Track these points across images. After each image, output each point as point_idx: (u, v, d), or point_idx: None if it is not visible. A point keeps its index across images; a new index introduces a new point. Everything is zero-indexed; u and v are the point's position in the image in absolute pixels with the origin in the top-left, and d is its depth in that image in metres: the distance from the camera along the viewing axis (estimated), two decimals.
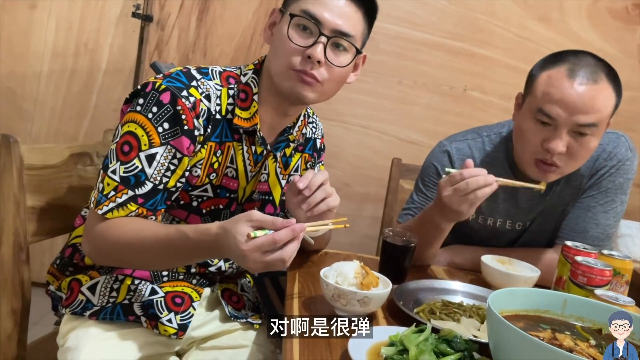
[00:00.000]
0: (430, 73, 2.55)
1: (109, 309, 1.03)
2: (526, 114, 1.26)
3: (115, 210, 0.96)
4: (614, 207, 1.38)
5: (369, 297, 0.95)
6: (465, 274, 1.37)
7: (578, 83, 1.18)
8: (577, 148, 1.22)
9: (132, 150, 0.97)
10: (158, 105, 0.97)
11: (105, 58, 2.42)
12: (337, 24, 1.02)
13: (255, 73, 1.09)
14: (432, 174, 1.45)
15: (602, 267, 1.01)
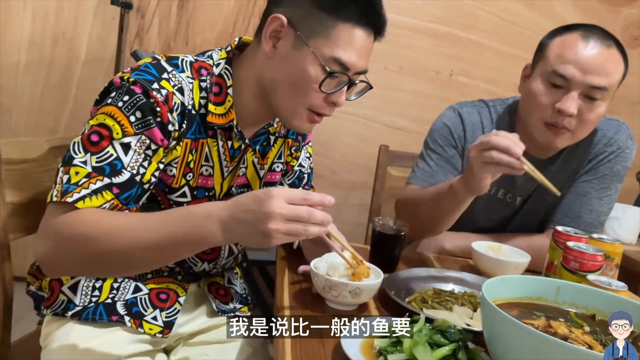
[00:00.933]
0: (415, 58, 2.53)
1: (91, 309, 1.00)
2: (537, 78, 1.29)
3: (87, 198, 0.84)
4: (609, 195, 1.38)
5: (361, 288, 0.94)
6: (456, 260, 1.36)
7: (592, 46, 1.23)
8: (587, 112, 1.26)
9: (102, 140, 0.88)
10: (129, 94, 0.90)
11: (84, 47, 2.36)
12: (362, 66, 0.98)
13: (228, 63, 1.01)
14: (446, 134, 1.45)
15: (594, 252, 1.01)
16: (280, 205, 0.75)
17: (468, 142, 1.42)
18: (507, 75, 2.54)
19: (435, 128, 1.48)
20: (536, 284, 0.85)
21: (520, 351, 0.68)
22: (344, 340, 0.77)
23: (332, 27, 0.94)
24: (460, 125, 1.43)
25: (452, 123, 1.44)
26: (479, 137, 1.22)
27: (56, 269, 0.90)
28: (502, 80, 2.55)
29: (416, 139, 2.66)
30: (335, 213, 2.18)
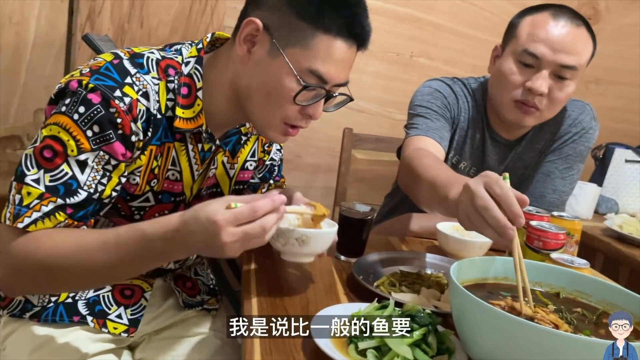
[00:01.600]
0: (376, 40, 2.45)
1: (51, 310, 0.95)
2: (507, 58, 1.31)
3: (39, 221, 0.80)
4: (572, 175, 1.42)
5: (308, 236, 0.91)
6: (421, 242, 1.37)
7: (562, 25, 1.25)
8: (557, 91, 1.28)
9: (56, 156, 0.82)
10: (86, 105, 0.82)
11: (33, 31, 2.24)
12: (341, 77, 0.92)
13: (199, 62, 0.93)
14: (440, 97, 1.40)
15: (557, 231, 1.03)
16: (230, 234, 0.72)
17: (460, 112, 1.42)
18: (466, 57, 2.56)
19: (425, 93, 1.42)
20: (502, 264, 0.86)
21: (488, 332, 0.69)
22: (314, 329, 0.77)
23: (310, 38, 0.88)
24: (453, 95, 1.43)
25: (444, 90, 1.43)
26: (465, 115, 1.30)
27: (14, 292, 0.90)
28: (462, 61, 2.57)
29: (379, 121, 2.67)
30: None
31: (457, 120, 1.42)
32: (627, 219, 1.83)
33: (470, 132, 1.43)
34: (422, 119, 1.37)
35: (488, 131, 1.43)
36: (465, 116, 1.43)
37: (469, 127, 1.43)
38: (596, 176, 2.19)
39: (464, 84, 1.47)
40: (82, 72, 0.86)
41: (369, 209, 1.18)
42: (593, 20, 2.62)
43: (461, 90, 1.45)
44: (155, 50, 0.94)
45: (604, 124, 2.68)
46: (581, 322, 0.77)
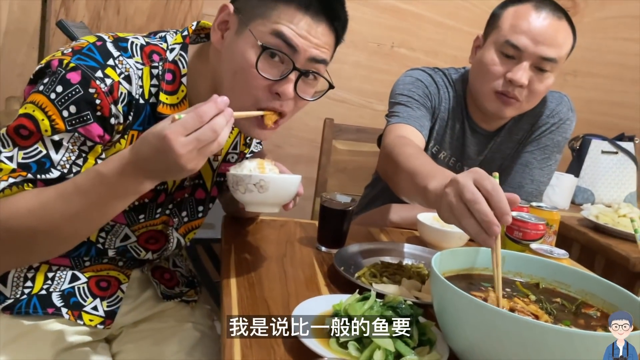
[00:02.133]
0: (357, 30, 2.50)
1: (24, 302, 0.93)
2: (489, 48, 1.32)
3: (7, 189, 0.79)
4: (549, 165, 1.44)
5: (266, 181, 0.88)
6: (402, 232, 1.37)
7: (544, 17, 1.26)
8: (537, 83, 1.29)
9: (31, 135, 0.81)
10: (63, 85, 0.81)
11: (5, 17, 2.18)
12: (313, 53, 0.88)
13: (184, 49, 0.93)
14: (421, 87, 1.40)
15: (536, 222, 1.04)
16: (182, 144, 0.70)
17: (441, 102, 1.42)
18: (447, 48, 2.57)
19: (406, 82, 1.42)
20: (483, 254, 0.86)
21: (469, 324, 0.68)
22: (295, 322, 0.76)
23: (272, 8, 0.87)
24: (434, 84, 1.43)
25: (425, 80, 1.43)
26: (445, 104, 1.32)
27: None
28: (442, 52, 2.58)
29: (359, 111, 2.66)
30: None
31: (437, 110, 1.42)
32: (603, 209, 1.86)
33: (450, 122, 1.43)
34: (403, 107, 1.37)
35: (468, 121, 1.43)
36: (446, 106, 1.43)
37: (449, 118, 1.44)
38: (573, 167, 2.21)
39: (445, 74, 1.47)
40: (64, 52, 0.86)
41: (350, 199, 1.18)
42: (572, 12, 2.63)
43: (442, 80, 1.45)
44: (139, 36, 0.93)
45: (580, 115, 2.71)
46: (561, 312, 0.78)
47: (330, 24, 0.91)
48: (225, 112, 0.74)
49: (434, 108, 1.42)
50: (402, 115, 1.35)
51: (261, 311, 0.86)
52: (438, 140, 1.46)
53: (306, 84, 0.93)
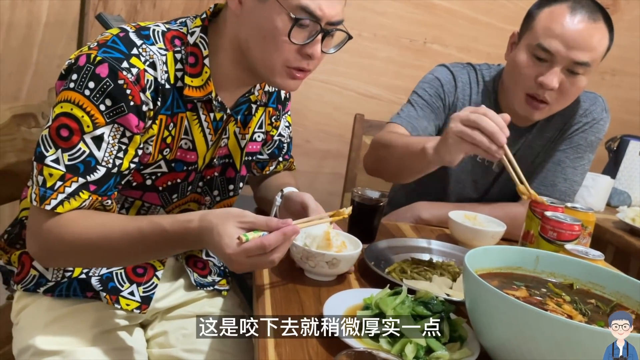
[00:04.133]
0: (390, 25, 2.49)
1: (64, 285, 0.96)
2: (522, 49, 1.30)
3: (65, 202, 0.84)
4: (582, 164, 1.42)
5: (338, 259, 0.93)
6: (432, 230, 1.37)
7: (579, 20, 1.23)
8: (569, 86, 1.27)
9: (73, 134, 0.84)
10: (95, 80, 0.84)
11: (46, 9, 2.24)
12: (333, 13, 0.91)
13: (204, 31, 0.95)
14: (437, 86, 1.45)
15: (572, 222, 1.02)
16: (239, 263, 0.78)
17: (458, 99, 1.44)
18: (480, 44, 2.53)
19: (426, 80, 1.47)
20: (516, 253, 0.86)
21: (503, 322, 0.68)
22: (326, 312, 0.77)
23: None
24: (453, 82, 1.44)
25: (444, 78, 1.45)
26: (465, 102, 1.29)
27: (48, 265, 0.97)
28: (475, 48, 2.54)
29: (389, 107, 2.65)
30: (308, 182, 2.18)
31: (454, 107, 1.43)
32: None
33: None
34: (409, 106, 1.43)
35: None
36: (467, 103, 1.43)
37: None
38: (609, 168, 2.16)
39: (475, 70, 1.47)
40: (90, 47, 0.89)
41: (381, 195, 1.18)
42: (612, 10, 2.57)
43: (469, 76, 1.45)
44: (160, 24, 0.96)
45: (618, 115, 2.66)
46: (595, 313, 0.77)
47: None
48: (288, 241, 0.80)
49: (448, 106, 1.44)
50: (402, 115, 1.41)
51: (293, 303, 0.87)
52: None
53: (328, 41, 0.97)
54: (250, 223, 0.79)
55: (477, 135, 0.98)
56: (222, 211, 0.81)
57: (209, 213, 0.81)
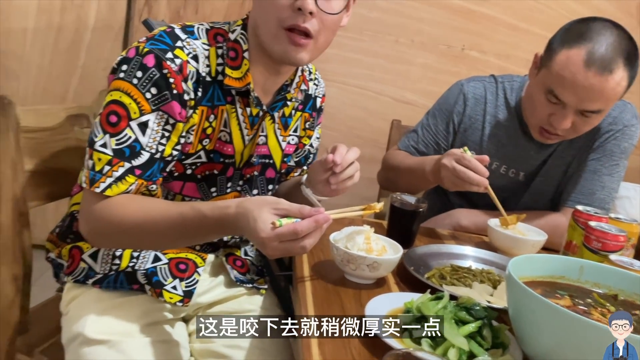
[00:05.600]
0: (427, 31, 2.49)
1: (112, 277, 1.01)
2: (539, 85, 1.28)
3: (113, 185, 0.90)
4: (618, 171, 1.40)
5: (379, 262, 0.94)
6: (470, 237, 1.37)
7: (593, 73, 1.17)
8: (582, 125, 1.27)
9: (121, 120, 0.90)
10: (142, 70, 0.90)
11: (93, 14, 2.32)
12: None
13: (244, 29, 1.01)
14: (445, 108, 1.51)
15: (617, 233, 1.01)
16: (272, 247, 0.80)
17: (466, 116, 1.48)
18: (520, 51, 2.51)
19: (439, 101, 1.55)
20: (560, 263, 0.85)
21: (547, 330, 0.68)
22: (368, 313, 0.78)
23: None
24: (462, 101, 1.48)
25: (453, 98, 1.50)
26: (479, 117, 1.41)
27: (98, 245, 1.02)
28: (514, 55, 2.52)
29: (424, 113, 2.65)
30: None
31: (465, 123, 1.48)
32: None
33: (499, 132, 1.45)
34: (417, 128, 1.55)
35: (523, 131, 1.43)
36: (481, 117, 1.46)
37: (494, 128, 1.45)
38: None
39: (497, 82, 1.49)
40: (140, 41, 0.95)
41: (420, 200, 1.19)
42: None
43: (484, 90, 1.48)
44: (204, 23, 1.02)
45: None
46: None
47: None
48: (320, 229, 0.81)
49: (459, 124, 1.48)
50: (404, 140, 1.56)
51: (335, 306, 0.88)
52: (480, 150, 1.46)
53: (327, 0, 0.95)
54: (284, 210, 0.81)
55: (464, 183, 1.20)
56: (258, 198, 0.84)
57: (246, 200, 0.84)
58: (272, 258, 0.90)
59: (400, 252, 0.99)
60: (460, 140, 1.48)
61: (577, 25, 1.25)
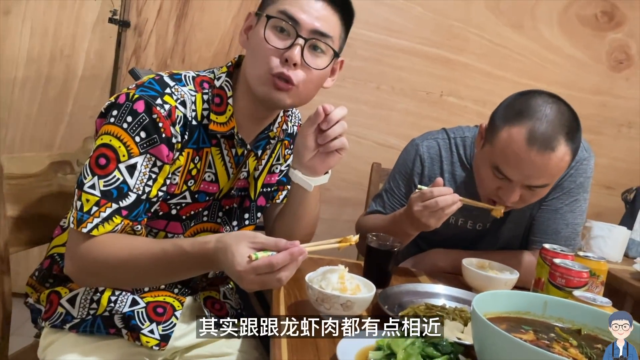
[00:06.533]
0: (407, 79, 2.58)
1: (89, 322, 1.02)
2: (485, 160, 1.29)
3: (100, 226, 0.93)
4: (579, 206, 1.43)
5: (352, 301, 0.96)
6: (446, 276, 1.39)
7: (535, 152, 1.18)
8: (529, 196, 1.28)
9: (110, 163, 0.94)
10: (133, 115, 0.95)
11: (82, 64, 2.39)
12: (315, 25, 1.00)
13: (229, 76, 1.07)
14: (404, 171, 1.54)
15: (580, 269, 1.05)
16: (249, 281, 0.83)
17: (425, 176, 1.50)
18: (496, 97, 2.56)
19: (398, 162, 1.58)
20: (524, 298, 0.88)
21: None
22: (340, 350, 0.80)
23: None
24: (419, 161, 1.51)
25: (410, 159, 1.52)
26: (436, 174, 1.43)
27: (83, 284, 1.04)
28: (490, 100, 2.61)
29: None
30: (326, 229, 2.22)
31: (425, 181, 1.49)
32: None
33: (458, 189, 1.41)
34: (383, 194, 1.57)
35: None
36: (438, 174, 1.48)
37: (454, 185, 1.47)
38: (626, 219, 2.17)
39: (449, 139, 1.50)
40: (129, 88, 1.00)
41: (396, 240, 1.22)
42: (625, 65, 2.65)
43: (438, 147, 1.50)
44: (190, 71, 1.08)
45: (634, 167, 2.68)
46: (601, 357, 0.78)
47: (329, 1, 1.03)
48: (295, 261, 0.84)
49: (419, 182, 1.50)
50: (373, 206, 1.58)
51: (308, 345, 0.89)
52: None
53: (313, 55, 1.03)
54: (261, 243, 0.85)
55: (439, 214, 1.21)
56: (236, 233, 0.88)
57: (225, 235, 0.88)
58: (250, 291, 0.92)
59: (374, 290, 1.02)
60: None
61: (517, 100, 1.25)
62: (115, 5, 2.35)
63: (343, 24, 1.07)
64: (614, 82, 2.66)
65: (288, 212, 1.19)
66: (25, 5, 2.32)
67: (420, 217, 1.22)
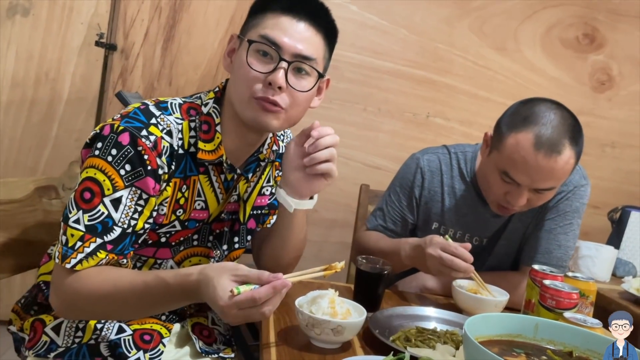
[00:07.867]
0: (393, 100, 2.61)
1: (74, 350, 0.99)
2: (492, 166, 1.33)
3: (84, 261, 0.92)
4: (573, 230, 1.46)
5: (343, 326, 0.95)
6: (437, 299, 1.38)
7: (542, 156, 1.23)
8: (536, 200, 1.33)
9: (94, 197, 0.93)
10: (117, 147, 0.93)
11: (67, 87, 2.38)
12: (298, 48, 0.99)
13: (217, 102, 1.06)
14: (405, 184, 1.55)
15: (570, 290, 1.05)
16: (232, 315, 0.82)
17: (425, 189, 1.52)
18: (481, 118, 2.63)
19: (398, 176, 1.59)
20: (516, 321, 0.87)
21: None
22: None
23: (261, 18, 1.02)
24: (420, 175, 1.53)
25: (411, 173, 1.54)
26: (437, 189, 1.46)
27: (67, 317, 1.02)
28: (476, 122, 2.64)
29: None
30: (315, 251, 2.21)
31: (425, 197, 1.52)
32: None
33: (456, 201, 1.50)
34: (382, 206, 1.57)
35: (480, 199, 1.47)
36: (439, 189, 1.51)
37: (454, 198, 1.50)
38: (613, 239, 2.19)
39: (450, 153, 1.54)
40: (114, 118, 0.98)
41: (386, 263, 1.21)
42: (607, 86, 2.70)
43: (439, 162, 1.52)
44: (177, 98, 1.07)
45: (619, 186, 2.71)
46: None
47: (311, 22, 1.02)
48: (279, 294, 0.83)
49: (419, 197, 1.53)
50: (372, 220, 1.59)
51: None
52: (442, 221, 1.51)
53: (297, 77, 1.02)
54: (243, 276, 0.83)
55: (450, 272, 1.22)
56: (218, 265, 0.86)
57: (207, 267, 0.86)
58: (234, 325, 0.91)
59: (364, 315, 1.01)
60: (423, 212, 1.53)
61: (522, 108, 1.31)
62: (102, 28, 2.35)
63: (327, 44, 1.07)
64: (597, 102, 2.71)
65: (274, 235, 1.18)
66: (11, 29, 2.31)
67: (428, 260, 1.24)
